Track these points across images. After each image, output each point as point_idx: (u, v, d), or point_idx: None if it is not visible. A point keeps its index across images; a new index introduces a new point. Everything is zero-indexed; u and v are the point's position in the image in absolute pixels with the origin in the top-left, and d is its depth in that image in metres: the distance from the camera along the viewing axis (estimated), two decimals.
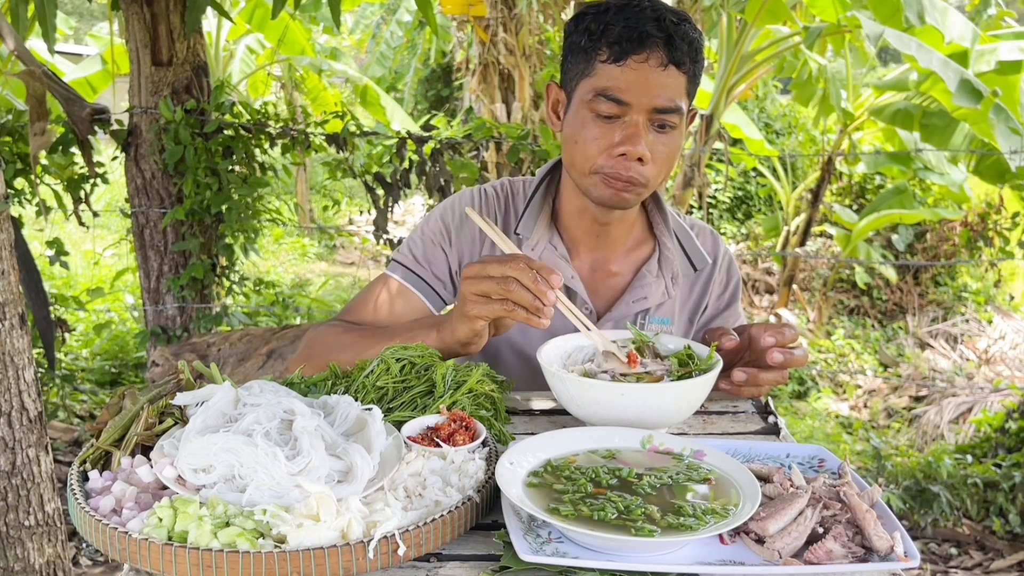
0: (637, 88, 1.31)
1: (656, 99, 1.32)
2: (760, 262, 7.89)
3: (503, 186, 1.60)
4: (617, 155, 1.34)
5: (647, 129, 1.34)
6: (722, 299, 1.61)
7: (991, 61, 4.80)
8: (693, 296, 1.59)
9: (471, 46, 7.85)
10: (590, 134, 1.36)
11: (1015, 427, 4.29)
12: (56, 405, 4.34)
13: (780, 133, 9.98)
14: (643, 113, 1.33)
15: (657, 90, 1.32)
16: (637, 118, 1.33)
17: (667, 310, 1.55)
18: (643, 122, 1.34)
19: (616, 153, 1.34)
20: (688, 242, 1.57)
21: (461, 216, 1.56)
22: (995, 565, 3.57)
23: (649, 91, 1.32)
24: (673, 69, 1.32)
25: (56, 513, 2.26)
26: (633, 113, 1.33)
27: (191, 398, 1.05)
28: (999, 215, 6.99)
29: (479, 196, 1.58)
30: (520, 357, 1.55)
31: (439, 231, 1.56)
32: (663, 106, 1.32)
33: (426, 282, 1.54)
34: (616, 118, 1.34)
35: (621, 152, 1.34)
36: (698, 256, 1.57)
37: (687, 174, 6.09)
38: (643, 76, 1.31)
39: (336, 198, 8.67)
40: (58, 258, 3.78)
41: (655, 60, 1.31)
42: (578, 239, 1.53)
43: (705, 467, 1.01)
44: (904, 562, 0.85)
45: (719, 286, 1.61)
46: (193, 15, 3.39)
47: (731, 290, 1.62)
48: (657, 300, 1.52)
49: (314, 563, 0.82)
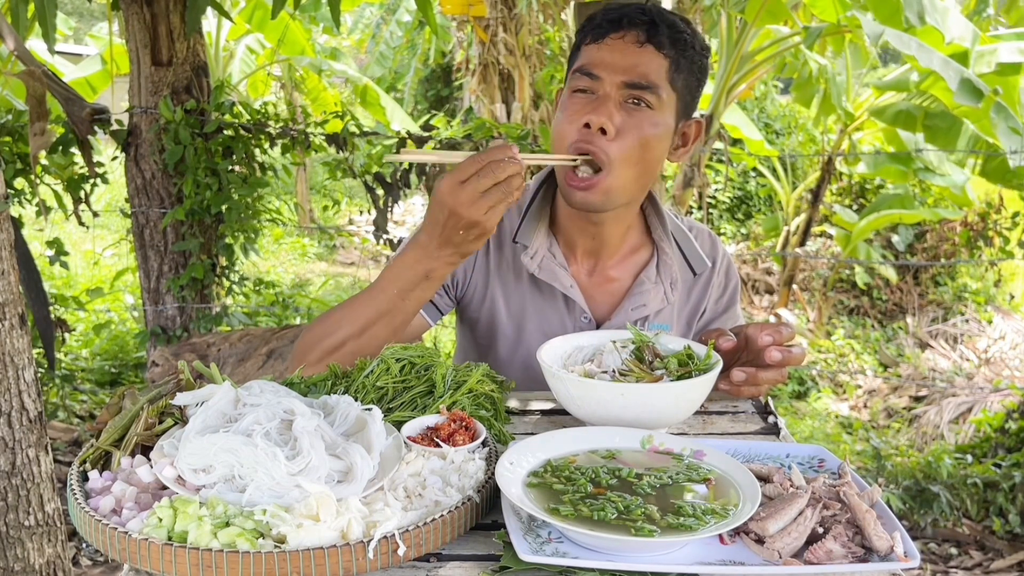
0: (610, 62, 1.33)
1: (628, 73, 1.32)
2: (760, 262, 7.89)
3: None
4: (582, 125, 1.34)
5: (618, 105, 1.34)
6: (720, 302, 1.61)
7: (991, 62, 4.80)
8: (691, 300, 1.58)
9: (471, 46, 7.86)
10: (565, 114, 1.37)
11: (1015, 427, 4.29)
12: (56, 405, 4.34)
13: (780, 133, 9.98)
14: (614, 87, 1.33)
15: (630, 64, 1.33)
16: (608, 90, 1.34)
17: (666, 316, 1.54)
18: (614, 96, 1.34)
19: (582, 122, 1.34)
20: (687, 245, 1.56)
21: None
22: (995, 565, 3.57)
23: (622, 65, 1.33)
24: (651, 48, 1.33)
25: (56, 513, 2.26)
26: (605, 86, 1.34)
27: (191, 398, 1.05)
28: (999, 215, 6.99)
29: None
30: (521, 359, 1.55)
31: None
32: (634, 80, 1.32)
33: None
34: (590, 93, 1.35)
35: (586, 121, 1.33)
36: (697, 260, 1.56)
37: (687, 174, 6.09)
38: (618, 51, 1.33)
39: (336, 198, 8.66)
40: (58, 258, 3.78)
41: (632, 37, 1.33)
42: (575, 241, 1.52)
43: (705, 467, 1.01)
44: (904, 562, 0.85)
45: (718, 289, 1.60)
46: (193, 15, 3.39)
47: (730, 293, 1.61)
48: (656, 306, 1.51)
49: (314, 563, 0.82)
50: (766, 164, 8.15)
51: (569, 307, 1.51)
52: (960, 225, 7.11)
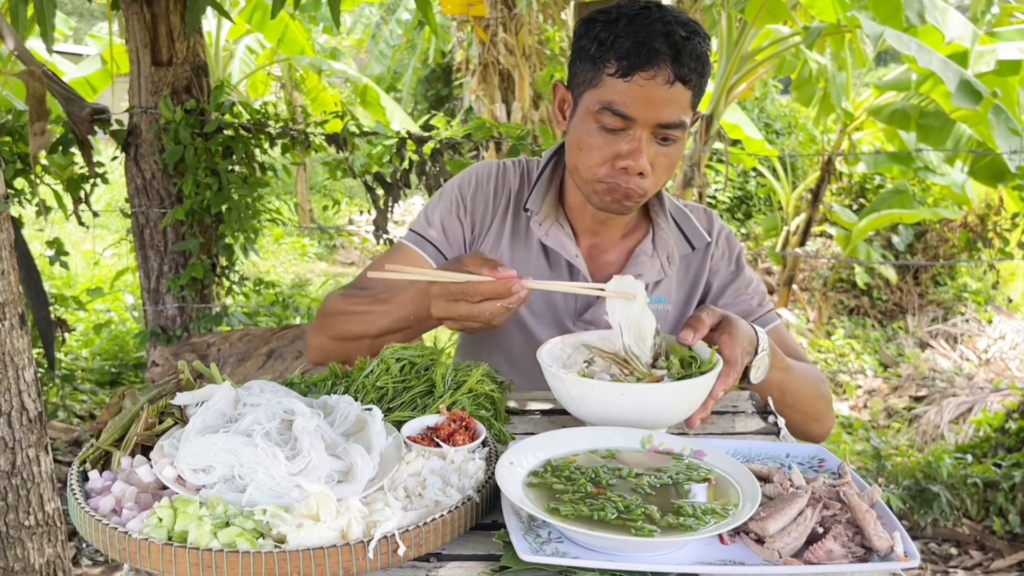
0: (642, 104, 1.32)
1: (661, 115, 1.33)
2: (760, 262, 7.89)
3: (519, 163, 1.63)
4: (619, 168, 1.37)
5: (649, 142, 1.36)
6: (729, 269, 1.62)
7: (990, 61, 4.80)
8: (691, 273, 1.60)
9: (471, 46, 7.86)
10: (594, 144, 1.38)
11: (1015, 427, 4.29)
12: (56, 405, 4.34)
13: (780, 133, 9.98)
14: (647, 128, 1.35)
15: (662, 106, 1.33)
16: (641, 133, 1.35)
17: (664, 289, 1.57)
18: (646, 136, 1.35)
19: (618, 167, 1.37)
20: (685, 222, 1.59)
21: (476, 184, 1.59)
22: (995, 565, 3.57)
23: (654, 107, 1.33)
24: (679, 85, 1.33)
25: (56, 513, 2.26)
26: (637, 128, 1.35)
27: (191, 398, 1.05)
28: (998, 216, 6.99)
29: (498, 168, 1.61)
30: (520, 362, 1.55)
31: (456, 200, 1.58)
32: (667, 122, 1.34)
33: (440, 251, 1.56)
34: (620, 131, 1.36)
35: (623, 166, 1.36)
36: (696, 235, 1.59)
37: (687, 174, 6.09)
38: (649, 93, 1.32)
39: (336, 198, 8.66)
40: (58, 258, 3.78)
41: (662, 78, 1.31)
42: (579, 228, 1.56)
43: (705, 467, 1.01)
44: (904, 562, 0.85)
45: (723, 259, 1.62)
46: (193, 15, 3.39)
47: (735, 258, 1.63)
48: (653, 278, 1.54)
49: (314, 563, 0.82)
50: (766, 164, 8.15)
51: (573, 277, 1.54)
52: (960, 227, 7.11)
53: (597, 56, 1.35)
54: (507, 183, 1.59)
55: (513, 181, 1.60)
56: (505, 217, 1.58)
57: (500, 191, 1.59)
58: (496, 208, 1.58)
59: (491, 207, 1.58)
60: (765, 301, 1.60)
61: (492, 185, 1.59)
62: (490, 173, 1.60)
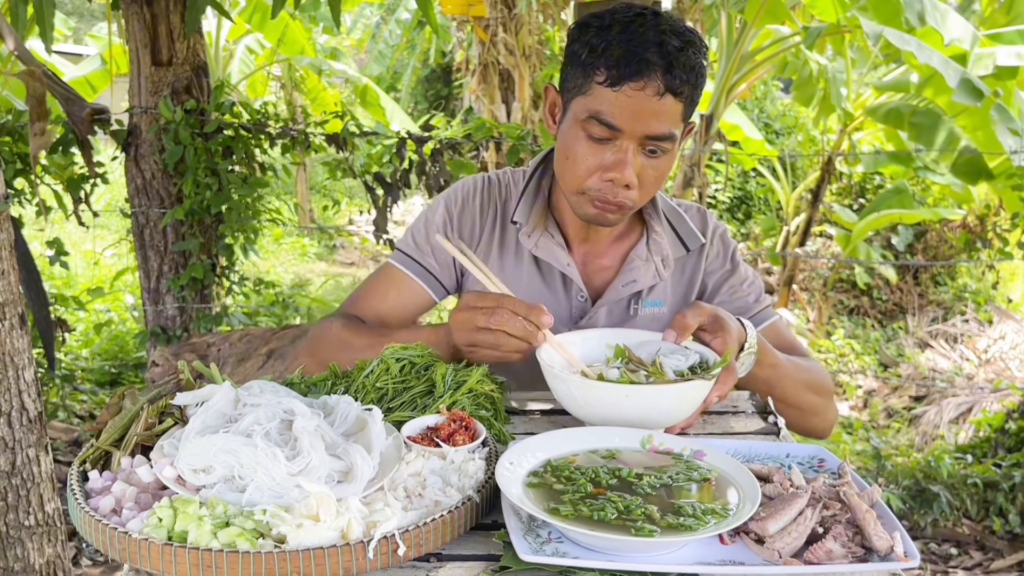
0: (631, 115, 1.30)
1: (649, 127, 1.31)
2: (760, 262, 7.89)
3: (505, 175, 1.61)
4: (605, 180, 1.35)
5: (637, 154, 1.34)
6: (724, 267, 1.61)
7: (989, 65, 4.79)
8: (686, 275, 1.59)
9: (471, 46, 7.85)
10: (581, 153, 1.36)
11: (1015, 427, 4.29)
12: (56, 405, 4.34)
13: (780, 133, 9.98)
14: (635, 140, 1.32)
15: (650, 118, 1.30)
16: (628, 144, 1.32)
17: (659, 292, 1.56)
18: (633, 148, 1.33)
19: (605, 178, 1.35)
20: (679, 223, 1.58)
21: (463, 203, 1.57)
22: (995, 565, 3.57)
23: (643, 119, 1.30)
24: (670, 97, 1.29)
25: (56, 513, 2.26)
26: (624, 139, 1.32)
27: (191, 398, 1.05)
28: (998, 216, 6.98)
29: (483, 183, 1.59)
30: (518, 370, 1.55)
31: (443, 220, 1.57)
32: (656, 134, 1.32)
33: (429, 271, 1.55)
34: (607, 141, 1.34)
35: (609, 178, 1.35)
36: (690, 236, 1.57)
37: (687, 174, 6.09)
38: (638, 104, 1.29)
39: (336, 198, 8.65)
40: (58, 258, 3.78)
41: (652, 89, 1.28)
42: (571, 235, 1.55)
43: (705, 467, 1.01)
44: (904, 562, 0.85)
45: (718, 258, 1.60)
46: (193, 15, 3.38)
47: (730, 256, 1.61)
48: (648, 282, 1.53)
49: (314, 563, 0.82)
50: (766, 164, 8.15)
51: (567, 286, 1.53)
52: (959, 227, 7.11)
53: (588, 63, 1.32)
54: (493, 197, 1.58)
55: (499, 194, 1.58)
56: (493, 232, 1.56)
57: (487, 206, 1.57)
58: (484, 224, 1.57)
59: (479, 223, 1.56)
60: (762, 297, 1.59)
61: (478, 201, 1.57)
62: (475, 189, 1.58)
